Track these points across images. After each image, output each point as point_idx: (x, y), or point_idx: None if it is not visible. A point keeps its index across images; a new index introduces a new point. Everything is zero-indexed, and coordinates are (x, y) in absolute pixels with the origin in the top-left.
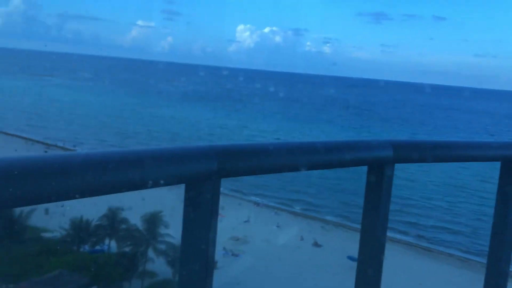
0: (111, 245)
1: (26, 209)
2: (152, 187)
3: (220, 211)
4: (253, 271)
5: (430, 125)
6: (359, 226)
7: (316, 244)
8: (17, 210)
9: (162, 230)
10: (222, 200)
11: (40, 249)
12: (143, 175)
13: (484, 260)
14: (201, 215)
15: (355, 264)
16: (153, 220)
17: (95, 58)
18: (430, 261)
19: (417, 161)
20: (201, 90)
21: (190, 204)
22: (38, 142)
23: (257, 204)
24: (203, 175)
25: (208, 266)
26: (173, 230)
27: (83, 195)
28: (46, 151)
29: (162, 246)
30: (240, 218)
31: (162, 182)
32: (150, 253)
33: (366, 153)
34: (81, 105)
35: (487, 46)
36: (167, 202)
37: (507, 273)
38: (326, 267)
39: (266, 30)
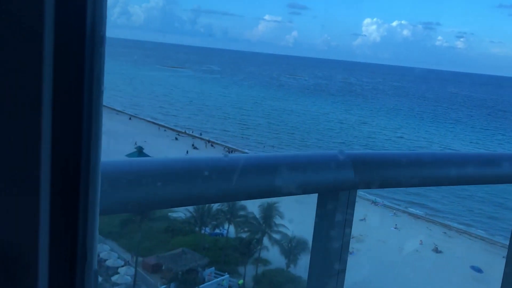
0: (230, 230)
1: None
2: (285, 195)
3: None
4: (366, 270)
5: None
6: (484, 235)
7: (436, 250)
8: None
9: (278, 220)
10: None
11: (167, 227)
12: (276, 182)
13: None
14: (333, 227)
15: (478, 275)
16: (270, 210)
17: (223, 52)
18: None
19: None
20: (323, 84)
21: (322, 214)
22: (169, 128)
23: (375, 203)
24: (339, 185)
25: (338, 277)
26: (287, 221)
27: (222, 200)
28: (176, 138)
29: (277, 236)
30: (356, 216)
31: (294, 190)
32: (265, 241)
33: None
34: (208, 96)
35: None
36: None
37: None
38: (446, 275)
39: (394, 23)
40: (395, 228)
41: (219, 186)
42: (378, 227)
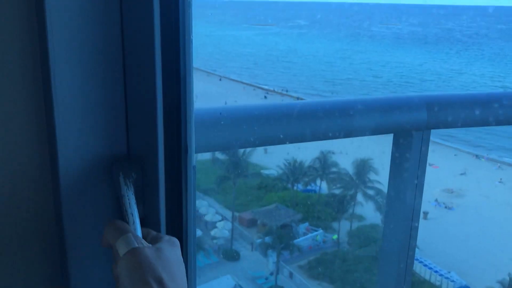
0: (322, 186)
1: (248, 148)
2: (360, 135)
3: (432, 162)
4: (468, 226)
5: None
6: None
7: None
8: (241, 150)
9: (372, 177)
10: (437, 150)
11: (260, 183)
12: (352, 124)
13: None
14: (408, 167)
15: None
16: (363, 166)
17: (312, 4)
18: None
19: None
20: (418, 31)
21: (398, 154)
22: (258, 87)
23: (478, 157)
24: (412, 126)
25: (413, 217)
26: (382, 177)
27: (301, 139)
28: (265, 96)
29: (371, 192)
30: (456, 170)
31: (370, 131)
32: (359, 197)
33: None
34: (296, 52)
35: None
36: (378, 150)
37: None
38: None
39: None
40: (500, 182)
41: (300, 128)
42: (480, 181)
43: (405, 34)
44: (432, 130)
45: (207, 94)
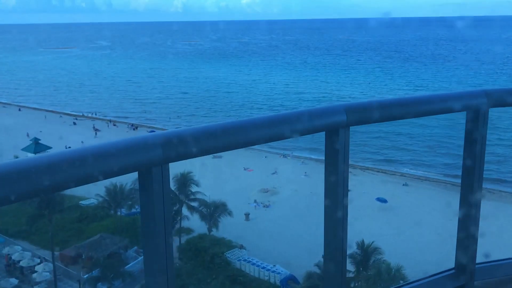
0: None
1: None
2: (106, 178)
3: (247, 166)
4: (285, 220)
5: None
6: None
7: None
8: None
9: (194, 188)
10: (250, 155)
11: (80, 215)
12: (94, 169)
13: None
14: (153, 201)
15: (384, 205)
16: (184, 180)
17: (110, 25)
18: None
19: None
20: (219, 46)
21: (144, 190)
22: (65, 114)
23: (284, 156)
24: (151, 162)
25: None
26: (203, 188)
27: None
28: (74, 122)
29: (195, 204)
30: (268, 171)
31: (115, 173)
32: (184, 211)
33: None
34: (101, 74)
35: None
36: (196, 163)
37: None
38: (356, 211)
39: None
40: (305, 175)
41: None
42: (289, 177)
43: (207, 49)
44: None
45: (6, 127)
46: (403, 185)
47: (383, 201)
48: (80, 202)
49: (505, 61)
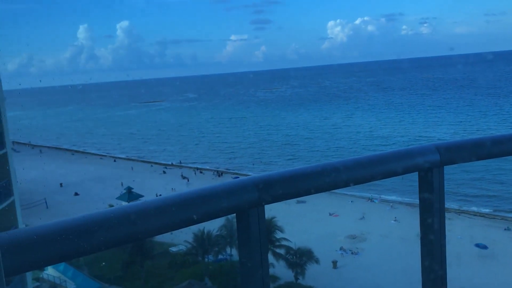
0: (233, 252)
1: None
2: (208, 220)
3: (333, 211)
4: (374, 267)
5: None
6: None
7: None
8: None
9: (278, 235)
10: (335, 199)
11: (170, 262)
12: (195, 212)
13: None
14: (250, 241)
15: (484, 251)
16: (269, 226)
17: (196, 78)
18: None
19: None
20: (300, 92)
21: (243, 232)
22: (155, 163)
23: (371, 199)
24: (249, 204)
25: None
26: (288, 235)
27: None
28: (164, 171)
29: (281, 251)
30: (355, 216)
31: (215, 214)
32: (270, 258)
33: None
34: (187, 124)
35: None
36: (280, 208)
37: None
38: (453, 256)
39: (357, 21)
40: (395, 220)
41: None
42: (377, 223)
43: (289, 95)
44: None
45: (103, 177)
46: (505, 229)
47: (483, 247)
48: (169, 248)
49: None
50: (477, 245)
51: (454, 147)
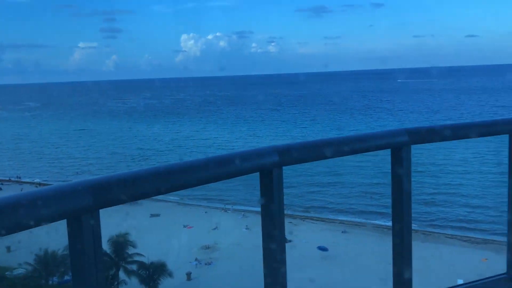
0: None
1: None
2: (35, 226)
3: (187, 223)
4: (227, 276)
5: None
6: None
7: (287, 241)
8: None
9: (131, 250)
10: (190, 211)
11: None
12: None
13: None
14: (85, 250)
15: (325, 253)
16: (121, 241)
17: (39, 86)
18: None
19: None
20: (153, 104)
21: (73, 238)
22: None
23: (225, 209)
24: (81, 210)
25: None
26: (141, 249)
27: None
28: (0, 188)
29: (133, 266)
30: (209, 226)
31: (44, 222)
32: (122, 274)
33: None
34: (26, 137)
35: (425, 27)
36: (132, 223)
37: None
38: (297, 260)
39: (210, 36)
40: (247, 228)
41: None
42: (230, 231)
43: (141, 107)
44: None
45: None
46: (342, 232)
47: (324, 249)
48: (6, 273)
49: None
50: (319, 248)
51: (423, 130)
